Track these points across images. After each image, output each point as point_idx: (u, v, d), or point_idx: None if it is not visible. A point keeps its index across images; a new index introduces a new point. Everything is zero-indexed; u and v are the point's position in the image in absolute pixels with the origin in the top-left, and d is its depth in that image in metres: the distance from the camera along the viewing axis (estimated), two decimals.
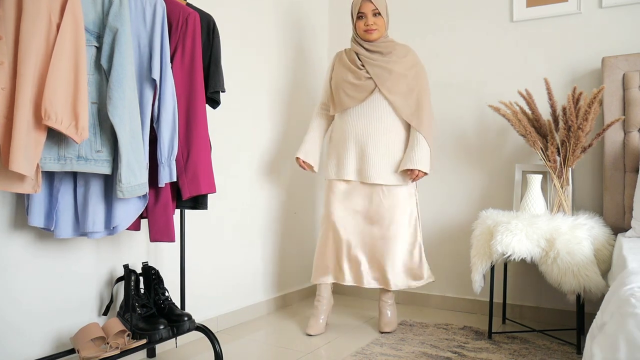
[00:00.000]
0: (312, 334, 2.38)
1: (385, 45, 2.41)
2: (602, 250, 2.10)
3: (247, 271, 2.68)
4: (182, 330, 1.80)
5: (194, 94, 1.82)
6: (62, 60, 1.41)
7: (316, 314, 2.45)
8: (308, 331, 2.39)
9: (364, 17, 2.37)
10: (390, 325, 2.45)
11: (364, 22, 2.37)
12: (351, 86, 2.38)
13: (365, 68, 2.37)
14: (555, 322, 2.58)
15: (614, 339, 1.06)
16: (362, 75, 2.36)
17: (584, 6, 2.56)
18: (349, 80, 2.38)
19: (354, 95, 2.37)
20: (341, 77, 2.42)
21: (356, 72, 2.38)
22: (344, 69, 2.43)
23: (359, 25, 2.40)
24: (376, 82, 2.35)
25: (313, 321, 2.43)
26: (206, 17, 1.94)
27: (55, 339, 1.76)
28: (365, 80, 2.36)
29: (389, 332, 2.42)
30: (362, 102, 2.38)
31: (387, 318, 2.46)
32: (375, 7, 2.35)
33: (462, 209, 2.86)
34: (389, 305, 2.48)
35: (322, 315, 2.45)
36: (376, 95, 2.37)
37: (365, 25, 2.36)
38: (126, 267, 1.83)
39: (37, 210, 1.55)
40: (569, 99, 2.24)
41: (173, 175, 1.74)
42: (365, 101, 2.37)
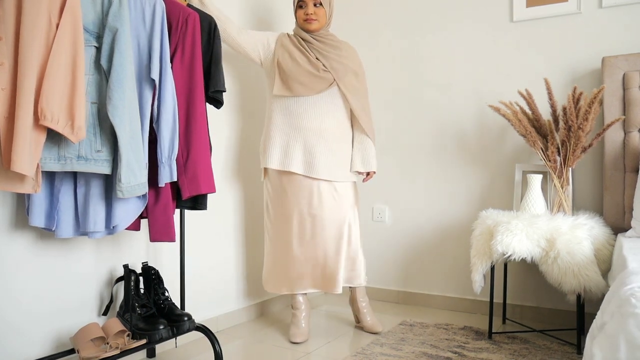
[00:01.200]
0: (299, 341, 2.28)
1: (330, 39, 2.35)
2: (602, 250, 2.10)
3: (247, 271, 2.67)
4: (182, 330, 1.80)
5: (194, 94, 1.82)
6: (60, 60, 1.41)
7: (297, 322, 2.36)
8: (293, 339, 2.29)
9: (305, 5, 2.28)
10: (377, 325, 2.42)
11: (304, 12, 2.28)
12: (308, 75, 2.24)
13: (321, 60, 2.28)
14: (556, 322, 2.58)
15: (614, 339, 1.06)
16: (319, 67, 2.26)
17: (584, 6, 2.56)
18: (306, 68, 2.25)
19: (311, 86, 2.25)
20: (293, 63, 2.25)
21: (313, 62, 2.26)
22: (295, 49, 2.28)
23: (299, 14, 2.31)
24: (335, 77, 2.28)
25: (294, 329, 2.34)
26: (207, 18, 1.96)
27: (55, 339, 1.76)
28: (323, 73, 2.26)
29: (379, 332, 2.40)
30: (316, 94, 2.28)
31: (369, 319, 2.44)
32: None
33: (462, 209, 2.86)
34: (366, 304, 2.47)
35: (304, 322, 2.36)
36: (333, 89, 2.31)
37: (305, 14, 2.27)
38: (126, 267, 1.83)
39: (37, 210, 1.55)
40: (569, 99, 2.24)
41: (174, 175, 1.74)
42: (319, 94, 2.29)
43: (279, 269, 2.36)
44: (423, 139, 2.98)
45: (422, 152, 2.98)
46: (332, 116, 2.32)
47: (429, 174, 2.96)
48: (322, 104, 2.30)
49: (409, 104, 3.02)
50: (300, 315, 2.37)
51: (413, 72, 3.02)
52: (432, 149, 2.95)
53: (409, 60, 3.04)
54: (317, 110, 2.29)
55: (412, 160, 3.00)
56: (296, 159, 2.27)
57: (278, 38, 2.34)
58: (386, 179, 3.07)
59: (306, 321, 2.37)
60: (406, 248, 3.02)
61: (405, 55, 3.05)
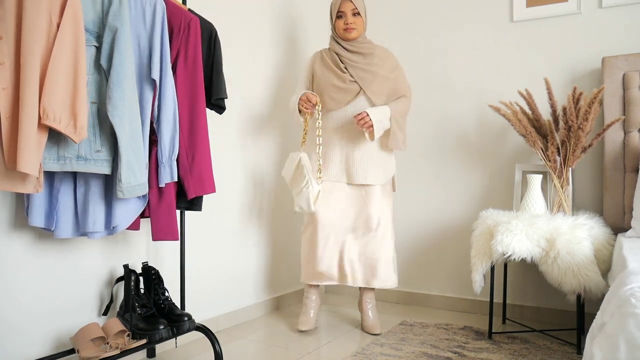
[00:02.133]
0: (304, 329, 2.42)
1: (365, 47, 2.43)
2: (602, 250, 2.10)
3: (247, 271, 2.68)
4: (182, 330, 1.80)
5: (196, 97, 1.85)
6: (62, 59, 1.41)
7: (305, 310, 2.49)
8: (299, 327, 2.43)
9: (344, 16, 2.38)
10: (377, 326, 2.44)
11: (343, 21, 2.38)
12: (336, 89, 2.37)
13: (349, 71, 2.38)
14: (555, 322, 2.58)
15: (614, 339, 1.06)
16: (346, 79, 2.37)
17: (584, 6, 2.56)
18: (334, 83, 2.38)
19: (339, 99, 2.37)
20: (325, 80, 2.40)
21: (340, 76, 2.38)
22: (326, 70, 2.42)
23: (338, 25, 2.41)
24: (361, 86, 2.37)
25: (303, 317, 2.47)
26: (208, 26, 1.98)
27: (55, 339, 1.76)
28: (349, 84, 2.37)
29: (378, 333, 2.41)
30: (346, 105, 2.39)
31: (371, 320, 2.47)
32: (354, 6, 2.37)
33: (462, 209, 2.86)
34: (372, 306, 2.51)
35: (312, 311, 2.48)
36: (360, 98, 2.39)
37: (345, 24, 2.38)
38: (126, 267, 1.83)
39: (37, 210, 1.55)
40: (569, 99, 2.24)
41: (174, 176, 1.75)
42: (349, 104, 2.39)
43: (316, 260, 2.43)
44: (423, 139, 2.98)
45: (422, 152, 2.98)
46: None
47: (429, 173, 2.96)
48: (354, 113, 2.36)
49: None
50: (310, 305, 2.50)
51: (413, 72, 3.02)
52: (432, 148, 2.95)
53: (409, 61, 3.04)
54: (349, 119, 2.38)
55: (412, 160, 3.00)
56: (335, 168, 2.41)
57: (313, 61, 2.50)
58: None
59: (315, 312, 2.49)
60: (406, 248, 3.02)
61: (406, 56, 3.04)
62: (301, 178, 2.31)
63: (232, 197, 2.56)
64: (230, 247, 2.56)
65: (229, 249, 2.55)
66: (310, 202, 2.28)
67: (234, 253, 2.58)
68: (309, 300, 2.51)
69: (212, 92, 1.97)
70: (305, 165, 2.31)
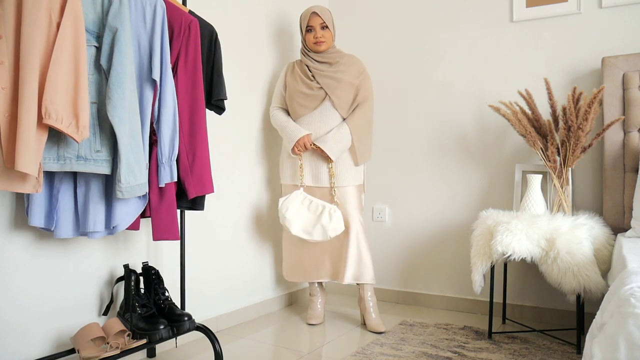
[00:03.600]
0: (315, 323, 2.56)
1: (332, 56, 2.56)
2: (602, 250, 2.10)
3: (247, 271, 2.68)
4: (182, 330, 1.80)
5: (197, 98, 1.86)
6: (63, 58, 1.41)
7: (313, 306, 2.62)
8: (309, 321, 2.57)
9: (313, 30, 2.51)
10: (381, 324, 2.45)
11: (313, 35, 2.51)
12: (304, 96, 2.50)
13: (316, 79, 2.51)
14: (555, 322, 2.58)
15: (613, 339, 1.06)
16: (313, 86, 2.50)
17: (584, 6, 2.56)
18: (302, 90, 2.50)
19: (306, 104, 2.49)
20: (294, 88, 2.53)
21: (307, 84, 2.51)
22: (296, 80, 2.54)
23: (308, 38, 2.53)
24: (326, 91, 2.48)
25: (312, 311, 2.60)
26: (209, 28, 2.00)
27: (55, 339, 1.76)
28: (316, 90, 2.49)
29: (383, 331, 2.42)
30: (313, 110, 2.50)
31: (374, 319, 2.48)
32: (323, 20, 2.50)
33: (462, 209, 2.86)
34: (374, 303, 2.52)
35: (320, 306, 2.62)
36: (327, 104, 2.50)
37: (314, 37, 2.51)
38: (126, 267, 1.83)
39: (37, 210, 1.55)
40: (569, 99, 2.24)
41: (174, 176, 1.75)
42: (316, 109, 2.50)
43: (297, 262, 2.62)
44: (423, 139, 2.98)
45: (422, 152, 2.98)
46: (332, 126, 2.49)
47: (429, 173, 2.96)
48: (320, 118, 2.50)
49: (409, 104, 3.02)
50: (316, 301, 2.63)
51: (413, 72, 3.02)
52: (432, 148, 2.95)
53: (409, 61, 3.04)
54: (317, 124, 2.50)
55: (412, 160, 3.00)
56: (305, 173, 2.52)
57: (285, 73, 2.62)
58: (386, 179, 3.07)
59: (322, 306, 2.64)
60: (406, 248, 3.02)
61: (406, 56, 3.05)
62: (317, 209, 2.40)
63: (232, 197, 2.56)
64: (230, 247, 2.56)
65: (229, 249, 2.55)
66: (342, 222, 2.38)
67: (234, 253, 2.58)
68: (312, 297, 2.64)
69: (212, 93, 2.00)
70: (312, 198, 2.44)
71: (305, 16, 2.52)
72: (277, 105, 2.62)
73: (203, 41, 1.96)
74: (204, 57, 1.97)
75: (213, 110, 2.07)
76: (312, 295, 2.66)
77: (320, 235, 2.37)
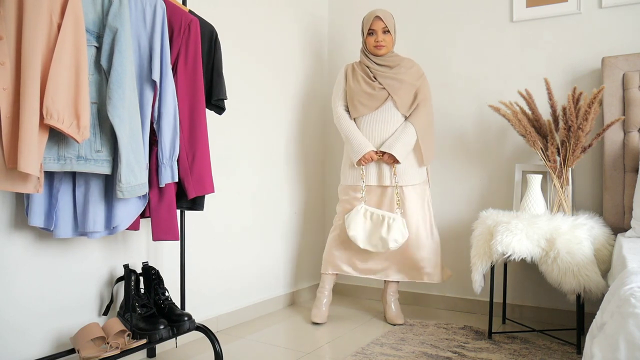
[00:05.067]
0: (319, 322, 2.56)
1: (393, 59, 2.60)
2: (602, 250, 2.10)
3: (247, 271, 2.68)
4: (182, 330, 1.80)
5: (197, 98, 1.85)
6: (63, 59, 1.41)
7: (319, 304, 2.61)
8: (314, 319, 2.57)
9: (375, 33, 2.55)
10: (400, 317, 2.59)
11: (374, 39, 2.55)
12: (367, 96, 2.54)
13: (378, 80, 2.55)
14: (555, 322, 2.58)
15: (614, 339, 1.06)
16: (375, 86, 2.54)
17: (584, 6, 2.56)
18: (364, 90, 2.55)
19: (368, 104, 2.54)
20: (356, 88, 2.57)
21: (370, 84, 2.55)
22: (357, 80, 2.59)
23: (369, 41, 2.58)
24: (389, 91, 2.53)
25: (317, 310, 2.60)
26: (209, 28, 1.99)
27: (55, 339, 1.76)
28: (378, 91, 2.54)
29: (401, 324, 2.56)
30: (375, 110, 2.54)
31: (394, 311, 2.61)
32: (385, 25, 2.54)
33: (462, 209, 2.86)
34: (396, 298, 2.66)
35: (325, 306, 2.61)
36: (388, 104, 2.54)
37: (375, 41, 2.55)
38: (126, 267, 1.83)
39: (37, 210, 1.55)
40: (569, 99, 2.24)
41: (175, 176, 1.75)
42: (378, 109, 2.54)
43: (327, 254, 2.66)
44: None
45: None
46: (394, 126, 2.54)
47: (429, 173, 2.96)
48: (382, 117, 2.55)
49: None
50: (323, 300, 2.63)
51: None
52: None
53: None
54: (378, 124, 2.55)
55: None
56: (369, 173, 2.56)
57: (345, 73, 2.68)
58: None
59: (327, 307, 2.63)
60: None
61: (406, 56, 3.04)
62: (379, 220, 2.47)
63: (232, 197, 2.56)
64: (230, 247, 2.56)
65: (229, 249, 2.55)
66: (403, 231, 2.44)
67: (234, 253, 2.58)
68: (320, 293, 2.64)
69: (212, 93, 2.00)
70: (372, 210, 2.50)
71: (369, 19, 2.56)
72: (342, 104, 2.65)
73: (203, 41, 1.95)
74: (204, 56, 1.97)
75: (213, 110, 2.07)
76: (320, 292, 2.65)
77: (381, 246, 2.46)
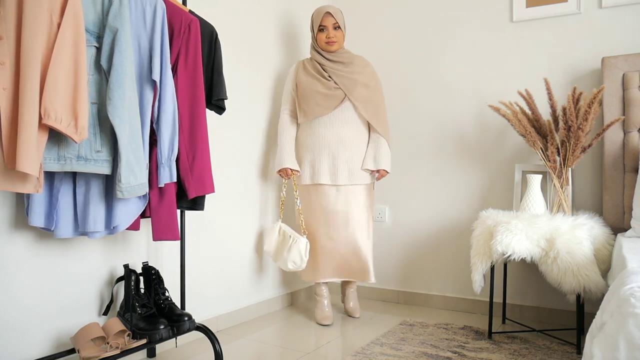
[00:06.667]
0: (328, 324, 2.55)
1: (345, 56, 2.60)
2: (602, 250, 2.10)
3: (247, 271, 2.68)
4: (182, 330, 1.80)
5: (197, 98, 1.85)
6: (63, 59, 1.41)
7: (322, 307, 2.62)
8: (323, 322, 2.56)
9: (325, 29, 2.54)
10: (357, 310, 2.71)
11: (325, 35, 2.54)
12: (322, 96, 2.52)
13: (333, 79, 2.54)
14: (555, 322, 2.58)
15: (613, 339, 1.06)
16: (331, 86, 2.53)
17: (584, 6, 2.56)
18: (319, 90, 2.52)
19: (325, 105, 2.52)
20: (309, 87, 2.54)
21: (325, 83, 2.53)
22: (310, 78, 2.56)
23: (320, 37, 2.56)
24: (345, 92, 2.53)
25: (322, 313, 2.60)
26: (209, 28, 1.99)
27: (55, 339, 1.76)
28: (334, 90, 2.53)
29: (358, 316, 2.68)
30: (332, 110, 2.53)
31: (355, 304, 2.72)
32: (335, 20, 2.53)
33: (462, 209, 2.86)
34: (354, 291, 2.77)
35: (328, 307, 2.63)
36: (345, 104, 2.55)
37: (327, 37, 2.54)
38: (126, 267, 1.83)
39: (37, 210, 1.55)
40: (569, 99, 2.24)
41: (173, 176, 1.75)
42: (335, 109, 2.54)
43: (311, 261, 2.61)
44: (423, 139, 2.98)
45: (422, 152, 2.98)
46: (350, 127, 2.56)
47: (429, 173, 2.96)
48: (338, 118, 2.55)
49: (409, 104, 3.02)
50: (324, 302, 2.64)
51: (413, 73, 3.02)
52: (432, 148, 2.96)
53: (409, 61, 3.04)
54: (336, 124, 2.55)
55: (412, 160, 3.00)
56: (323, 171, 2.55)
57: (296, 72, 2.63)
58: (386, 179, 3.07)
59: (329, 306, 2.65)
60: (406, 248, 3.02)
61: (406, 56, 3.05)
62: (286, 240, 2.55)
63: (233, 197, 2.56)
64: (231, 247, 2.56)
65: (229, 249, 2.55)
66: (302, 254, 2.48)
67: (234, 253, 2.58)
68: (322, 297, 2.64)
69: (212, 93, 2.00)
70: (286, 229, 2.57)
71: (318, 15, 2.55)
72: (287, 108, 2.65)
73: (203, 41, 1.96)
74: (204, 56, 1.97)
75: (213, 110, 2.07)
76: (319, 295, 2.65)
77: (283, 264, 2.53)
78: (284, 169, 2.56)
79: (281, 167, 2.55)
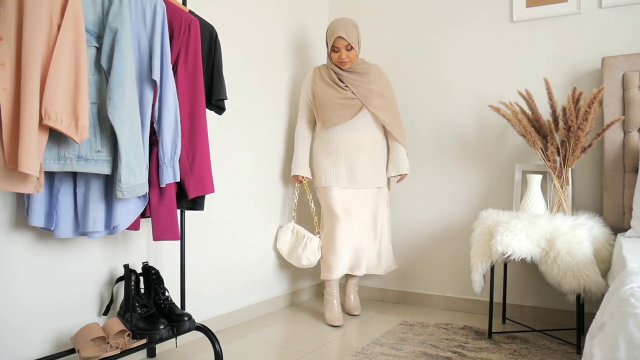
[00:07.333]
0: (338, 325, 2.55)
1: (361, 67, 2.66)
2: (602, 250, 2.10)
3: (247, 271, 2.68)
4: (182, 330, 1.80)
5: (197, 98, 1.86)
6: (63, 60, 1.41)
7: (331, 307, 2.62)
8: (334, 323, 2.56)
9: (338, 51, 2.58)
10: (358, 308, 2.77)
11: (338, 55, 2.59)
12: (339, 106, 2.60)
13: (350, 88, 2.61)
14: (555, 322, 2.58)
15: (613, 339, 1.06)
16: (348, 95, 2.60)
17: (584, 6, 2.56)
18: (336, 100, 2.60)
19: (343, 114, 2.60)
20: (326, 96, 2.62)
21: (342, 92, 2.60)
22: (327, 87, 2.63)
23: (333, 56, 2.62)
24: (363, 102, 2.61)
25: (332, 314, 2.60)
26: (209, 28, 2.00)
27: (55, 339, 1.76)
28: (351, 100, 2.60)
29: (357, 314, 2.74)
30: (349, 119, 2.62)
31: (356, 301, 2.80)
32: (348, 43, 2.56)
33: (462, 209, 2.86)
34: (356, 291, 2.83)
35: (338, 308, 2.63)
36: (363, 112, 2.64)
37: (339, 58, 2.59)
38: (126, 267, 1.83)
39: (37, 210, 1.55)
40: (569, 99, 2.24)
41: (177, 176, 1.75)
42: (352, 118, 2.62)
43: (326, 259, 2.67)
44: (423, 139, 2.98)
45: (422, 152, 2.98)
46: (366, 134, 2.66)
47: (429, 173, 2.96)
48: (355, 125, 2.64)
49: (409, 104, 3.02)
50: (334, 302, 2.64)
51: (413, 72, 3.02)
52: (432, 148, 2.96)
53: (409, 61, 3.04)
54: (353, 131, 2.64)
55: (412, 160, 3.00)
56: (342, 176, 2.66)
57: (312, 79, 2.71)
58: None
59: (339, 307, 2.66)
60: (406, 248, 3.02)
61: (406, 56, 3.05)
62: (300, 239, 2.72)
63: (233, 197, 2.56)
64: (231, 247, 2.56)
65: (229, 249, 2.55)
66: (316, 252, 2.66)
67: (234, 253, 2.58)
68: (332, 297, 2.65)
69: (212, 93, 2.00)
70: (299, 229, 2.75)
71: (331, 36, 2.57)
72: (304, 115, 2.75)
73: (203, 41, 1.96)
74: (204, 57, 1.97)
75: (213, 110, 2.07)
76: (329, 295, 2.65)
77: (296, 261, 2.71)
78: (295, 175, 2.71)
79: (294, 174, 2.71)
